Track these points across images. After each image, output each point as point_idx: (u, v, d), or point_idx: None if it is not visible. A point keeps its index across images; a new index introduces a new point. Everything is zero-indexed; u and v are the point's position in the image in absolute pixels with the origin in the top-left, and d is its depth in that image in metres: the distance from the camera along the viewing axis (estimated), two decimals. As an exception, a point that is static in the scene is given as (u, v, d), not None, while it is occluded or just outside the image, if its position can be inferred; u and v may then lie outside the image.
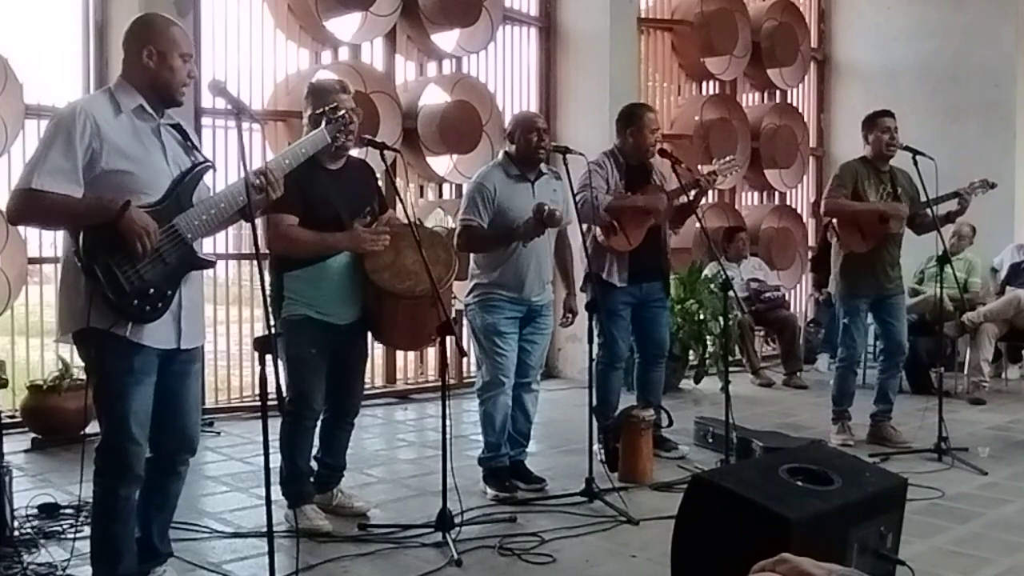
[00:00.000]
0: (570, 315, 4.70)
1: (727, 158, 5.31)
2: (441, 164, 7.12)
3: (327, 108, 3.57)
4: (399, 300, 3.86)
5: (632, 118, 5.11)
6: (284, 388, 3.58)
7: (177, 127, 3.10)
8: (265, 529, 2.81)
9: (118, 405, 2.94)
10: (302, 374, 3.88)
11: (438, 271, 3.75)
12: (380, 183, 4.26)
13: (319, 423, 4.04)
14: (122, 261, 2.83)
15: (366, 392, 6.79)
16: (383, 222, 4.05)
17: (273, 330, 2.92)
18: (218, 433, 5.67)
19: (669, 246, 5.32)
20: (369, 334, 4.10)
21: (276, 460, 3.85)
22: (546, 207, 4.23)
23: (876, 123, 5.42)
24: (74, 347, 3.14)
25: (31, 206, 2.84)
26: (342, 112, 3.57)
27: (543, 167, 4.59)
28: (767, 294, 8.00)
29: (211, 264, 3.18)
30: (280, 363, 3.97)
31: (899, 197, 5.39)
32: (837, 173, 5.52)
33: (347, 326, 3.91)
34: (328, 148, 3.62)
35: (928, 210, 5.36)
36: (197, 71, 3.07)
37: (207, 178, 3.13)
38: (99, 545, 3.07)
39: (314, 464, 4.10)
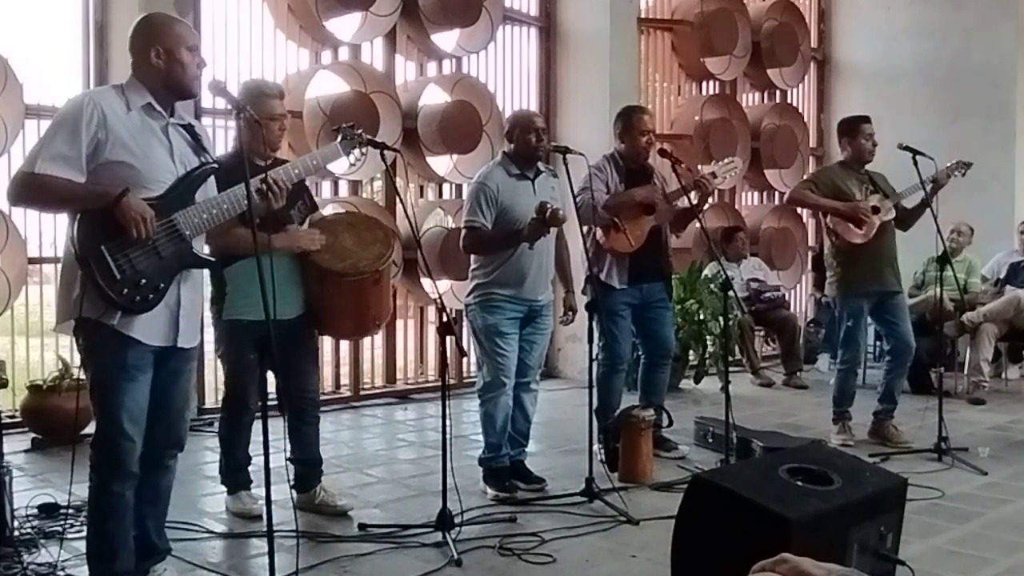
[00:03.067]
0: (571, 313, 4.70)
1: (727, 160, 5.29)
2: (441, 164, 7.11)
3: (345, 125, 3.65)
4: (342, 278, 3.91)
5: (622, 121, 5.12)
6: (223, 387, 3.94)
7: (189, 128, 3.12)
8: (265, 529, 2.81)
9: (111, 399, 2.95)
10: (240, 377, 4.01)
11: (377, 249, 3.92)
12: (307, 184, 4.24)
13: (285, 424, 4.07)
14: (115, 249, 2.85)
15: (366, 392, 6.89)
16: (313, 221, 4.09)
17: (271, 331, 2.91)
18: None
19: (670, 247, 5.32)
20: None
21: (274, 460, 3.81)
22: (549, 206, 4.23)
23: (860, 129, 5.47)
24: (73, 340, 3.17)
25: (31, 188, 2.88)
26: (359, 131, 3.63)
27: (540, 165, 4.59)
28: (767, 294, 8.00)
29: (208, 263, 3.19)
30: (219, 362, 4.06)
31: (883, 195, 5.47)
32: (814, 172, 5.62)
33: (289, 322, 3.85)
34: (259, 146, 3.82)
35: (904, 202, 5.45)
36: (205, 61, 3.10)
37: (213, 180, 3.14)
38: (93, 542, 3.07)
39: (290, 466, 4.12)
